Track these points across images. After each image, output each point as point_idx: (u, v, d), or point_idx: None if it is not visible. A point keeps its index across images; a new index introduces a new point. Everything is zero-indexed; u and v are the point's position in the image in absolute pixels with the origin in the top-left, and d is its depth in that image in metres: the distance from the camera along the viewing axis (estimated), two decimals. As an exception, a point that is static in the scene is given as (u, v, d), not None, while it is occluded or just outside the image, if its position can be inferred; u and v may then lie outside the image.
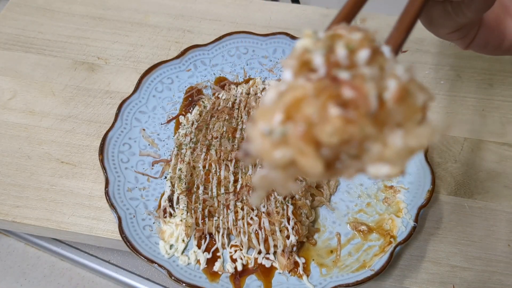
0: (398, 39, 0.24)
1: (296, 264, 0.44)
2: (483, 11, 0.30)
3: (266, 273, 0.44)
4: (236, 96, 0.54)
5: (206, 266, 0.44)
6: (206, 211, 0.46)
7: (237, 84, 0.56)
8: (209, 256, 0.45)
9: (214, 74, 0.57)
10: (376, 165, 0.19)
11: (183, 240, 0.45)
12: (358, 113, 0.18)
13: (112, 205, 0.45)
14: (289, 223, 0.44)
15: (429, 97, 0.19)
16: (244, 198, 0.45)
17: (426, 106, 0.19)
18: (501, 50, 0.34)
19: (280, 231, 0.44)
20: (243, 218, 0.45)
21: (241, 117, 0.51)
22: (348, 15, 0.24)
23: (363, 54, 0.19)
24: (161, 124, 0.53)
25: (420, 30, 0.62)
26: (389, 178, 0.20)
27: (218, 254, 0.45)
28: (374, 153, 0.18)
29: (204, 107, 0.54)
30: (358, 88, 0.18)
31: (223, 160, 0.48)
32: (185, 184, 0.47)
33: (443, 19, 0.31)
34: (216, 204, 0.46)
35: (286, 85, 0.19)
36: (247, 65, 0.58)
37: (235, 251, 0.45)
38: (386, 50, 0.20)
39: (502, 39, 0.33)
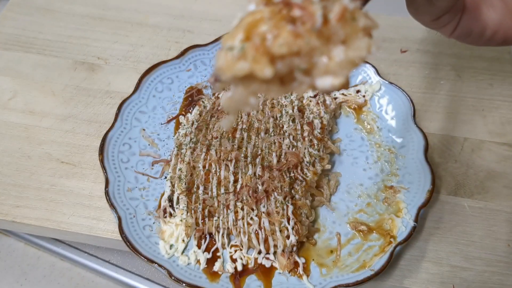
0: None
1: (296, 264, 0.44)
2: (456, 3, 0.32)
3: (266, 273, 0.44)
4: (236, 96, 0.54)
5: (206, 266, 0.44)
6: (206, 211, 0.46)
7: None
8: (209, 256, 0.45)
9: (214, 74, 0.57)
10: (322, 78, 0.21)
11: (183, 240, 0.45)
12: (304, 28, 0.20)
13: (112, 205, 0.45)
14: (289, 223, 0.44)
15: (371, 23, 0.22)
16: (244, 198, 0.45)
17: (368, 28, 0.22)
18: (484, 39, 0.35)
19: (280, 231, 0.44)
20: (243, 218, 0.45)
21: (241, 117, 0.51)
22: None
23: None
24: (161, 124, 0.53)
25: (420, 30, 0.62)
26: (334, 89, 0.22)
27: (218, 254, 0.45)
28: (321, 67, 0.21)
29: (204, 107, 0.54)
30: (305, 8, 0.21)
31: (223, 160, 0.48)
32: (185, 184, 0.47)
33: (426, 6, 0.33)
34: (216, 204, 0.46)
35: (247, 13, 0.22)
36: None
37: (235, 251, 0.45)
38: None
39: (484, 27, 0.34)
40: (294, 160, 0.47)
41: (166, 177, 0.49)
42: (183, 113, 0.54)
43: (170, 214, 0.47)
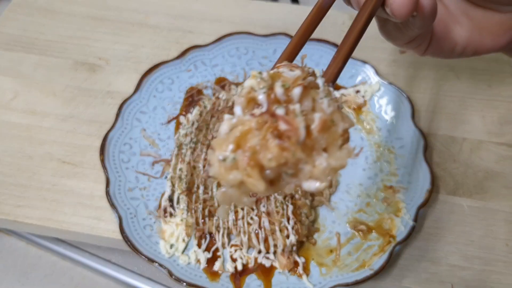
0: (335, 69, 0.28)
1: (296, 263, 0.44)
2: (426, 27, 0.34)
3: (266, 272, 0.44)
4: (236, 97, 0.54)
5: (206, 265, 0.44)
6: (207, 210, 0.46)
7: (237, 85, 0.56)
8: (210, 255, 0.45)
9: (214, 74, 0.57)
10: (308, 182, 0.24)
11: (184, 240, 0.45)
12: (290, 142, 0.23)
13: (113, 205, 0.46)
14: (289, 223, 0.44)
15: (349, 124, 0.24)
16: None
17: (346, 132, 0.24)
18: (455, 54, 0.37)
19: (280, 230, 0.44)
20: (243, 218, 0.45)
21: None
22: (290, 54, 0.29)
23: (296, 91, 0.24)
24: (162, 124, 0.53)
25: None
26: (319, 191, 0.26)
27: (218, 253, 0.45)
28: (306, 172, 0.23)
29: (205, 107, 0.54)
30: (290, 122, 0.23)
31: (223, 160, 0.48)
32: (186, 184, 0.48)
33: (396, 33, 0.35)
34: (216, 204, 0.46)
35: (236, 118, 0.24)
36: (247, 65, 0.58)
37: (235, 250, 0.45)
38: (321, 81, 0.25)
39: (454, 44, 0.36)
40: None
41: (166, 177, 0.49)
42: (183, 113, 0.54)
43: (171, 214, 0.47)
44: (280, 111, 0.23)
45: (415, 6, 0.30)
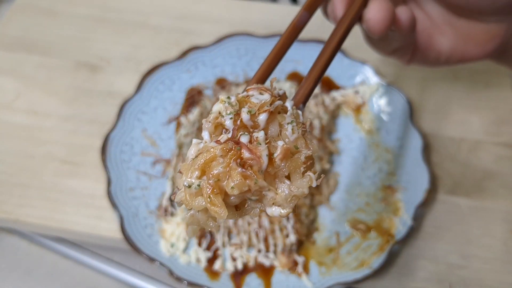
0: (305, 91, 0.28)
1: (295, 262, 0.45)
2: (406, 39, 0.35)
3: (266, 271, 0.45)
4: (237, 97, 0.55)
5: (206, 264, 0.44)
6: (207, 210, 0.47)
7: (237, 85, 0.56)
8: (210, 254, 0.45)
9: (214, 75, 0.58)
10: (271, 208, 0.24)
11: (184, 239, 0.46)
12: (253, 170, 0.23)
13: (114, 204, 0.46)
14: (288, 222, 0.45)
15: (312, 151, 0.25)
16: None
17: (310, 158, 0.25)
18: (440, 63, 0.38)
19: (280, 230, 0.45)
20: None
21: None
22: (262, 75, 0.29)
23: (262, 118, 0.24)
24: (163, 124, 0.54)
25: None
26: (282, 217, 0.26)
27: (218, 252, 0.45)
28: (269, 199, 0.24)
29: (205, 107, 0.54)
30: (253, 151, 0.24)
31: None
32: (186, 183, 0.48)
33: (379, 43, 0.37)
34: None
35: (203, 144, 0.24)
36: (247, 66, 0.58)
37: (236, 249, 0.45)
38: (289, 105, 0.26)
39: (438, 53, 0.37)
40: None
41: (167, 177, 0.50)
42: (184, 113, 0.54)
43: (171, 213, 0.47)
44: (244, 139, 0.24)
45: (391, 22, 0.31)
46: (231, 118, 0.24)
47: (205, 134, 0.25)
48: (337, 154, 0.52)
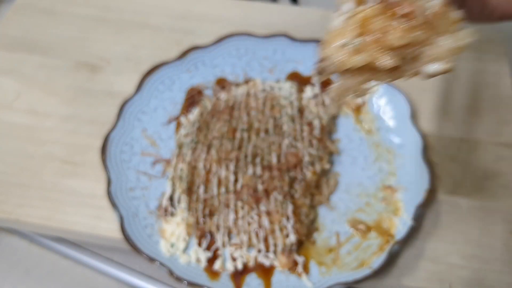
0: None
1: (295, 262, 0.45)
2: None
3: (266, 271, 0.45)
4: (236, 97, 0.55)
5: (206, 264, 0.45)
6: (207, 210, 0.47)
7: (237, 85, 0.56)
8: (210, 254, 0.45)
9: (214, 75, 0.58)
10: (430, 65, 0.24)
11: (184, 239, 0.46)
12: (416, 20, 0.24)
13: (114, 204, 0.46)
14: (288, 222, 0.45)
15: (461, 13, 0.25)
16: (245, 197, 0.46)
17: (458, 20, 0.25)
18: (484, 17, 0.37)
19: (280, 230, 0.45)
20: (243, 217, 0.45)
21: (241, 118, 0.52)
22: None
23: None
24: (163, 124, 0.54)
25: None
26: (437, 74, 0.26)
27: (218, 252, 0.45)
28: (429, 54, 0.24)
29: (205, 107, 0.54)
30: (411, 5, 0.24)
31: (224, 160, 0.48)
32: (186, 183, 0.48)
33: None
34: (216, 203, 0.47)
35: (349, 12, 0.24)
36: (247, 66, 0.58)
37: (236, 249, 0.45)
38: None
39: (483, 4, 0.36)
40: (293, 160, 0.48)
41: (167, 177, 0.50)
42: (184, 113, 0.55)
43: (171, 213, 0.47)
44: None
45: None
46: None
47: (346, 5, 0.25)
48: (337, 154, 0.52)
